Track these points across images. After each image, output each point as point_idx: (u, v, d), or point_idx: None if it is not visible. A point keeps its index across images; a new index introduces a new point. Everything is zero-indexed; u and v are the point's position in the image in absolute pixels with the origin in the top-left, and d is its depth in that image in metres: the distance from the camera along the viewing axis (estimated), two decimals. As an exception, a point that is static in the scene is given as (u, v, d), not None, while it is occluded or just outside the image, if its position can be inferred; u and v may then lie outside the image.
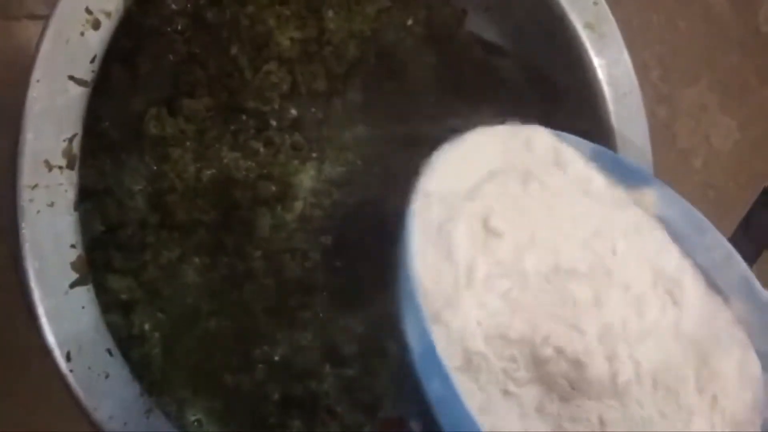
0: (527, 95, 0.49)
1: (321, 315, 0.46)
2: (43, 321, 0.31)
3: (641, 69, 0.60)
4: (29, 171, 0.31)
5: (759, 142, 0.75)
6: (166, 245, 0.43)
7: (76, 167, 0.32)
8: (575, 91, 0.46)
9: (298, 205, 0.46)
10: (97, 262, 0.39)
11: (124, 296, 0.41)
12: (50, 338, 0.32)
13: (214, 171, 0.44)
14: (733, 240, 0.70)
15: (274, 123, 0.44)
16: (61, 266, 0.32)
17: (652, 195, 0.34)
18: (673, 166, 0.70)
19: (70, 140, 0.32)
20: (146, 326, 0.42)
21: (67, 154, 0.32)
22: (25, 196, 0.31)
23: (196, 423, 0.43)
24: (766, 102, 0.75)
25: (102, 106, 0.39)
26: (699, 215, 0.34)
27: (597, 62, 0.45)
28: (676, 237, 0.33)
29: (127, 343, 0.40)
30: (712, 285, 0.32)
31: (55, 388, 0.45)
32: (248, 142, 0.45)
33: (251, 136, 0.45)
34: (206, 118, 0.43)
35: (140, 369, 0.39)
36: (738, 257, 0.32)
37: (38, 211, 0.31)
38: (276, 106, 0.44)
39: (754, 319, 0.31)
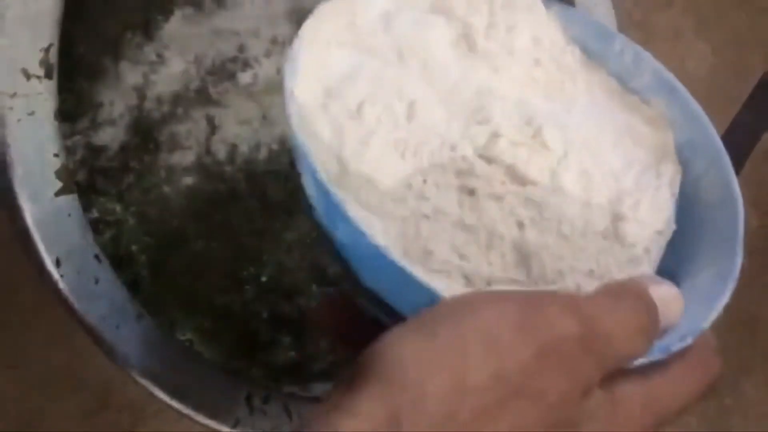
0: None
1: (305, 236, 0.47)
2: (31, 227, 0.32)
3: (615, -7, 0.60)
4: (7, 78, 0.31)
5: (733, 66, 0.75)
6: (149, 168, 0.43)
7: (55, 77, 0.33)
8: None
9: (278, 129, 0.47)
10: (81, 184, 0.40)
11: (109, 218, 0.42)
12: (39, 244, 0.32)
13: (193, 95, 0.45)
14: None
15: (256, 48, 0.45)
16: (46, 174, 0.33)
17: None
18: (649, 90, 0.71)
19: (47, 50, 0.33)
20: (134, 248, 0.43)
21: (45, 63, 0.33)
22: (4, 103, 0.31)
23: (187, 343, 0.44)
24: (739, 25, 0.76)
25: (77, 30, 0.39)
26: (603, 25, 0.33)
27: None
28: (586, 52, 0.32)
29: (115, 264, 0.41)
30: (628, 90, 0.32)
31: (43, 321, 0.46)
32: (227, 66, 0.45)
33: (228, 59, 0.45)
34: (183, 42, 0.44)
35: (130, 290, 0.40)
36: (647, 56, 0.32)
37: (19, 120, 0.32)
38: (252, 25, 0.44)
39: (675, 111, 0.31)
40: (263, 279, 0.46)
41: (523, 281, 0.26)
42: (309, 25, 0.27)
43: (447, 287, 0.25)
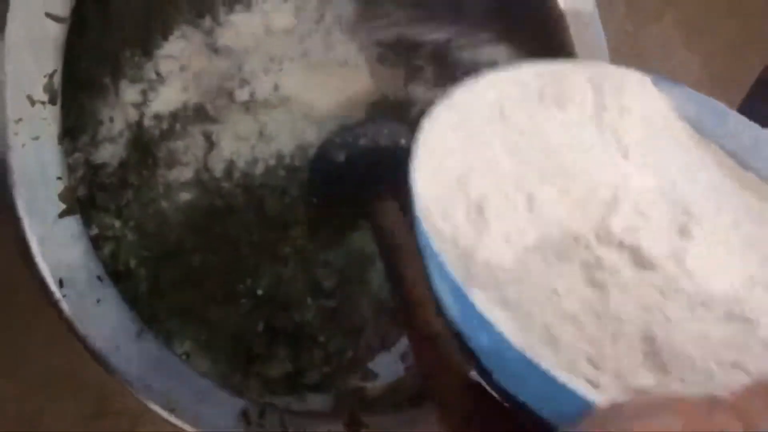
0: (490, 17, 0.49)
1: (301, 249, 0.48)
2: (35, 249, 0.33)
3: (606, 6, 0.61)
4: (12, 104, 0.32)
5: (723, 77, 0.76)
6: (148, 184, 0.44)
7: (58, 102, 0.34)
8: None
9: (275, 144, 0.48)
10: (81, 200, 0.41)
11: (108, 233, 0.42)
12: (42, 265, 0.33)
13: (191, 112, 0.46)
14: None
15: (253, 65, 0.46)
16: (49, 197, 0.34)
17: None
18: (640, 101, 0.72)
19: (51, 76, 0.34)
20: (132, 263, 0.44)
21: (49, 89, 0.33)
22: (10, 128, 0.32)
23: (184, 356, 0.45)
24: (730, 35, 0.76)
25: (79, 47, 0.40)
26: (717, 103, 0.32)
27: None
28: (699, 130, 0.32)
29: (114, 279, 0.42)
30: (745, 167, 0.31)
31: (43, 321, 0.46)
32: (225, 83, 0.46)
33: (226, 76, 0.46)
34: (182, 59, 0.44)
35: (128, 304, 0.41)
36: (766, 134, 0.31)
37: (23, 145, 0.33)
38: (250, 43, 0.45)
39: None
40: (259, 292, 0.47)
41: (654, 371, 0.26)
42: (427, 126, 0.28)
43: (575, 375, 0.24)
